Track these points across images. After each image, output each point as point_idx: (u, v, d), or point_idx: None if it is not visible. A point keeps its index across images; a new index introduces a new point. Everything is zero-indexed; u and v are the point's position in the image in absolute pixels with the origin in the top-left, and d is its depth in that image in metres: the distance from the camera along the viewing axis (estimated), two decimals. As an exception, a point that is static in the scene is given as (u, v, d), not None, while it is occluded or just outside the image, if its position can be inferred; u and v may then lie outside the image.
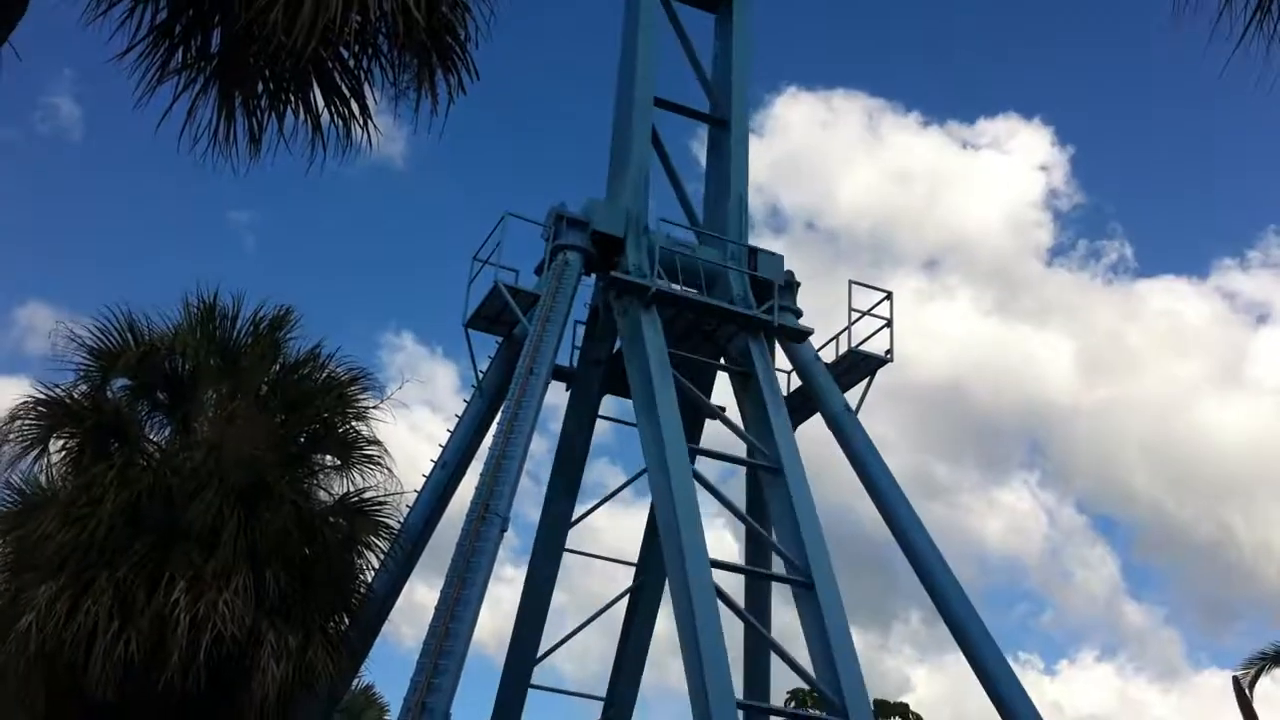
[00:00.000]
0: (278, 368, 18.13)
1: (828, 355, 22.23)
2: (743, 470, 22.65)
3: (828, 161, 79.78)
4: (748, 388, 21.84)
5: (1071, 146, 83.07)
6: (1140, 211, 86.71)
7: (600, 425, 23.80)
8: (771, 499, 20.91)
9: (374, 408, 18.47)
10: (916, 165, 78.71)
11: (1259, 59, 7.57)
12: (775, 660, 22.30)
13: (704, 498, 19.77)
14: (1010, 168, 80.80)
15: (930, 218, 77.75)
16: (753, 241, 22.82)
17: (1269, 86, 7.42)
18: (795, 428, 23.18)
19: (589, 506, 23.35)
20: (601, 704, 23.13)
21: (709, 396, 22.54)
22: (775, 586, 22.05)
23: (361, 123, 9.54)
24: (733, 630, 23.14)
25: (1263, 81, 7.43)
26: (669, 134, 24.65)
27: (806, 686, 40.29)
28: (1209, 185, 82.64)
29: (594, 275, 21.96)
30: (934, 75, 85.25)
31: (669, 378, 20.10)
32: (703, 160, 24.77)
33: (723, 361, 22.33)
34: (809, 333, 22.25)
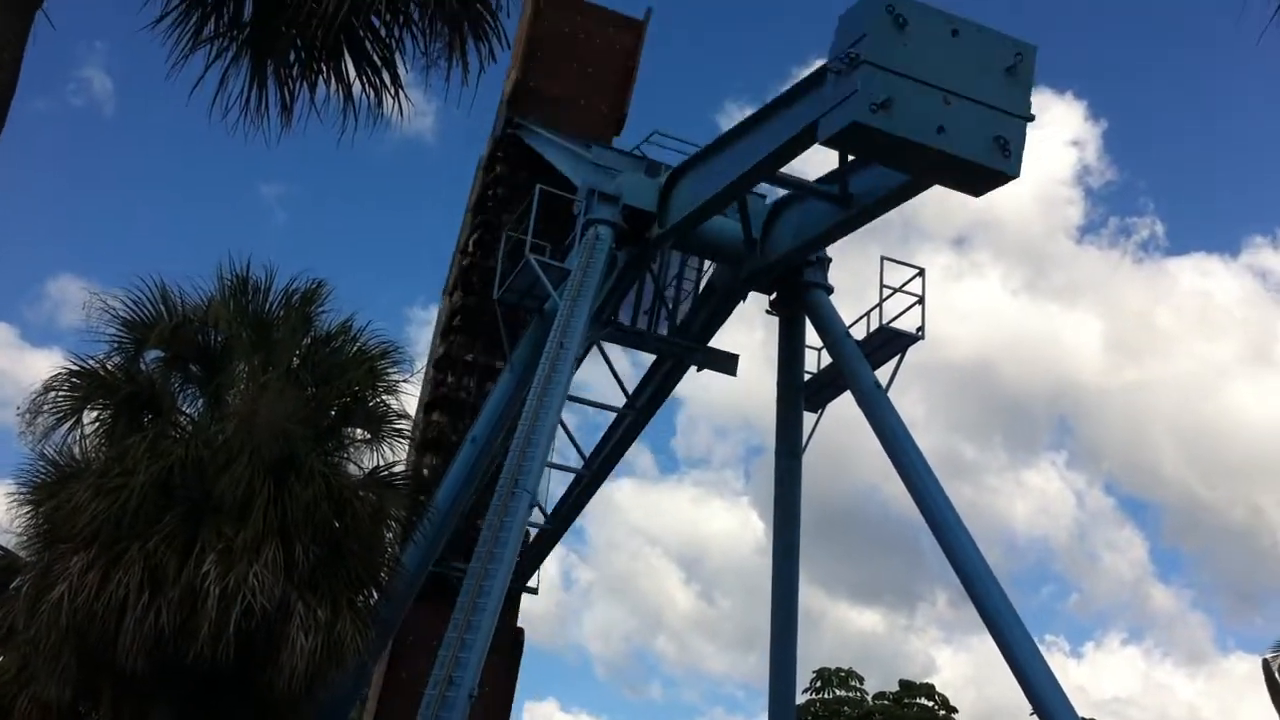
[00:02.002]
0: (309, 341, 18.13)
1: (858, 332, 22.12)
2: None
3: (854, 139, 79.14)
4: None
5: (1105, 121, 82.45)
6: (1172, 188, 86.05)
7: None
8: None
9: (404, 381, 18.50)
10: (945, 141, 77.88)
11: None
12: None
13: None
14: (1041, 143, 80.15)
15: (958, 194, 77.07)
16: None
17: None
18: (825, 404, 23.20)
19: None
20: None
21: None
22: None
23: (393, 92, 9.51)
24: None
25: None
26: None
27: (832, 666, 40.53)
28: (1241, 162, 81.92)
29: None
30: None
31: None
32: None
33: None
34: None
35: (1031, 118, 15.64)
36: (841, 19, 15.60)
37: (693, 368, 24.29)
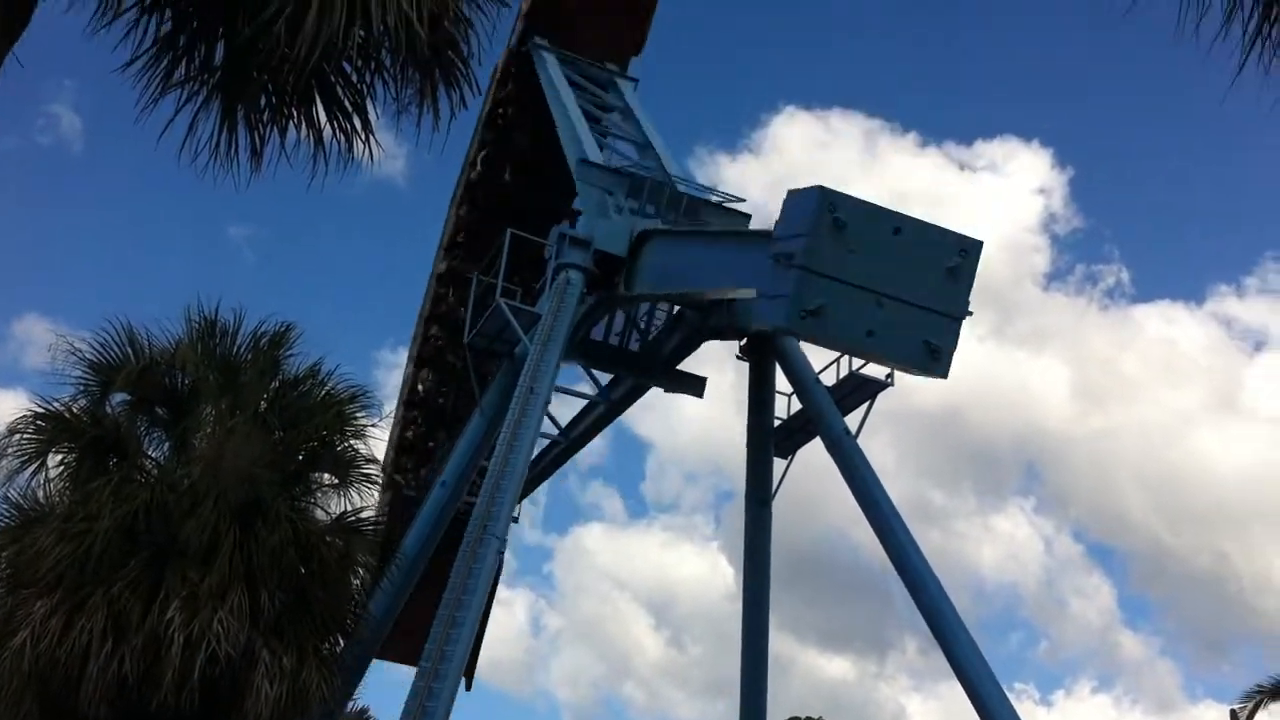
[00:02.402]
0: (277, 384, 18.04)
1: (828, 378, 22.18)
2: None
3: (825, 181, 79.57)
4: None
5: (1071, 169, 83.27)
6: (1138, 236, 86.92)
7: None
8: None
9: (372, 425, 18.40)
10: (914, 186, 78.80)
11: (1257, 85, 7.55)
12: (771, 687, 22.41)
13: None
14: (1008, 190, 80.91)
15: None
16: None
17: (1267, 112, 7.39)
18: (795, 450, 23.22)
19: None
20: None
21: None
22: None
23: (363, 137, 9.49)
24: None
25: (1260, 107, 7.40)
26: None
27: (802, 714, 40.28)
28: (1207, 211, 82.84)
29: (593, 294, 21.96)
30: (932, 96, 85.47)
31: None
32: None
33: None
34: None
35: (969, 314, 15.78)
36: (789, 197, 15.75)
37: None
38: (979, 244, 15.77)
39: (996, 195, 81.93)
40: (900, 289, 15.32)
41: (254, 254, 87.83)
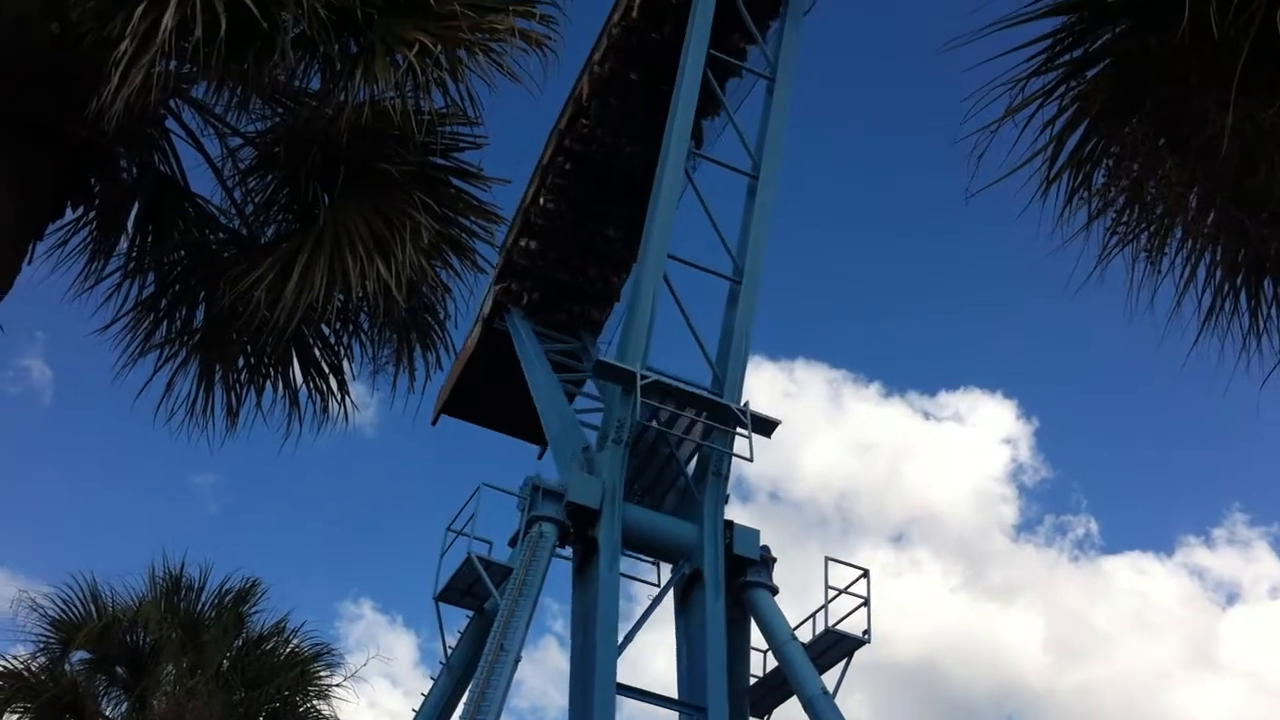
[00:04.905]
0: (240, 642, 17.71)
1: (804, 633, 21.81)
2: None
3: (790, 432, 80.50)
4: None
5: (1036, 420, 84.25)
6: (1106, 487, 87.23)
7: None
8: None
9: (336, 685, 17.98)
10: (879, 436, 79.42)
11: (1218, 342, 7.74)
12: None
13: None
14: (974, 441, 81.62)
15: (895, 490, 77.76)
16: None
17: (1228, 377, 7.55)
18: (773, 709, 22.66)
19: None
20: None
21: None
22: None
23: (339, 397, 9.59)
24: None
25: (1223, 363, 7.57)
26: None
27: None
28: (1172, 461, 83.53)
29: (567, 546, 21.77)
30: (895, 348, 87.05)
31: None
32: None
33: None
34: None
35: None
36: None
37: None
38: None
39: (962, 445, 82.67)
40: None
41: (218, 503, 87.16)
